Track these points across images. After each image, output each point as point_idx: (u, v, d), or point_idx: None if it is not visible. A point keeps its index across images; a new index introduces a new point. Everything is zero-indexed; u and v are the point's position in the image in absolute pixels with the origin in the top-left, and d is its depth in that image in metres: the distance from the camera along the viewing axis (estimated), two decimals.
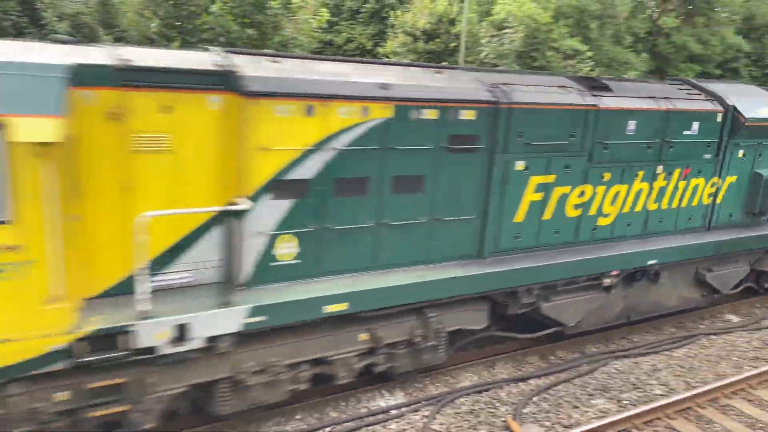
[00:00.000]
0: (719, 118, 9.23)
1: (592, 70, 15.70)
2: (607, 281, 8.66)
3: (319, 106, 6.08)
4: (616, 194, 8.54)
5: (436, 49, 18.41)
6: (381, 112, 6.44)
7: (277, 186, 6.05)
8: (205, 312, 5.66)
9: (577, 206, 8.20)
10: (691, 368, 8.84)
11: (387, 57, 19.71)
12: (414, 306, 7.01)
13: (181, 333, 5.57)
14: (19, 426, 5.21)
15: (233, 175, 5.90)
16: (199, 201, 5.83)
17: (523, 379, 8.16)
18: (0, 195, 4.72)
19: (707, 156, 9.32)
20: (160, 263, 5.79)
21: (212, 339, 5.76)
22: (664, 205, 9.14)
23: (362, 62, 7.38)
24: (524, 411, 7.46)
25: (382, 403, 7.36)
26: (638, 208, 8.85)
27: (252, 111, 5.76)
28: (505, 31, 15.76)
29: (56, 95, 4.81)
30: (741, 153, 9.72)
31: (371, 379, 7.45)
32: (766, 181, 9.92)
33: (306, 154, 6.14)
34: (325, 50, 26.88)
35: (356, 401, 7.34)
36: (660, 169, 8.84)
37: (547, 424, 7.25)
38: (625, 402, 7.86)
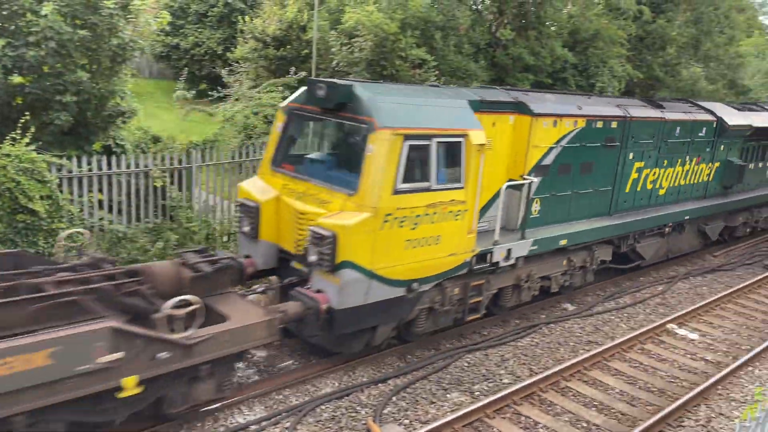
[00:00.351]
0: (714, 125, 13.90)
1: (437, 79, 16.44)
2: (667, 230, 13.43)
3: (559, 120, 10.11)
4: (668, 174, 13.11)
5: (288, 55, 18.30)
6: (581, 123, 10.53)
7: (537, 169, 9.87)
8: (517, 242, 9.54)
9: (651, 182, 12.68)
10: (534, 356, 9.53)
11: (238, 62, 19.28)
12: (587, 244, 11.21)
13: (508, 254, 9.40)
14: (447, 305, 8.89)
15: (513, 162, 9.74)
16: (498, 180, 9.47)
17: (383, 380, 8.31)
18: (462, 172, 8.27)
19: (708, 149, 14.03)
20: (479, 217, 9.08)
21: (516, 259, 9.61)
22: (688, 182, 13.85)
23: (549, 92, 12.20)
24: (384, 411, 7.61)
25: (240, 419, 7.15)
26: (676, 183, 13.47)
27: (534, 124, 9.62)
28: (355, 39, 16.01)
29: (475, 118, 8.58)
30: (722, 147, 14.44)
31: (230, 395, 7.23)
32: (734, 165, 14.84)
33: (550, 149, 10.08)
34: (172, 54, 25.69)
35: (213, 420, 7.06)
36: (688, 158, 13.48)
37: (406, 422, 7.45)
38: (478, 393, 8.29)
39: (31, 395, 5.31)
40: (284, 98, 15.64)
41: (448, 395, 8.16)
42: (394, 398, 7.93)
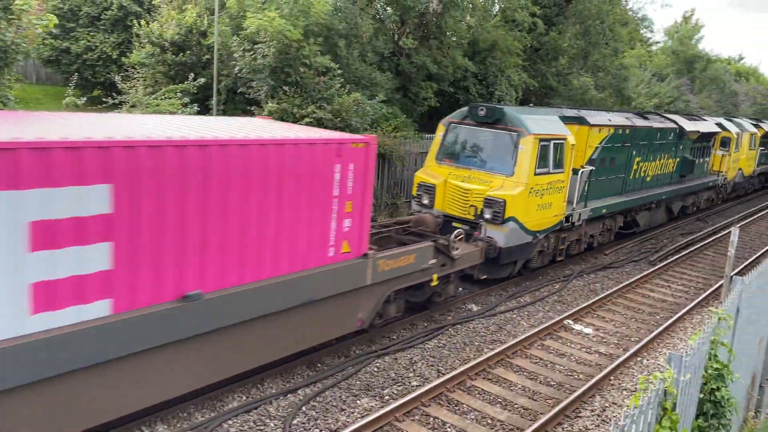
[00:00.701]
0: (677, 131, 19.36)
1: (342, 87, 16.51)
2: (653, 205, 18.81)
3: (602, 128, 15.20)
4: (652, 166, 18.31)
5: (188, 61, 17.74)
6: (611, 131, 15.61)
7: (589, 161, 14.74)
8: (583, 209, 14.36)
9: (643, 171, 17.79)
10: (441, 357, 9.73)
11: (134, 68, 18.47)
12: (613, 213, 16.26)
13: (579, 217, 14.19)
14: (549, 249, 13.91)
15: (575, 157, 13.77)
16: (569, 169, 13.43)
17: (292, 391, 8.22)
18: (563, 162, 12.97)
19: (673, 149, 19.41)
20: None
21: (582, 221, 14.52)
22: (661, 172, 19.08)
23: (590, 109, 18.38)
24: (294, 422, 7.52)
25: None
26: (656, 172, 18.67)
27: (590, 132, 14.82)
28: (258, 45, 15.76)
29: (566, 127, 13.36)
30: (681, 147, 19.99)
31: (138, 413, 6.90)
32: (688, 160, 20.40)
33: (596, 148, 15.05)
34: (62, 58, 24.25)
35: None
36: (663, 154, 18.78)
37: (317, 431, 7.40)
38: (387, 397, 8.36)
39: (401, 280, 9.60)
40: (184, 104, 15.22)
41: (358, 401, 8.18)
42: (303, 408, 7.86)
